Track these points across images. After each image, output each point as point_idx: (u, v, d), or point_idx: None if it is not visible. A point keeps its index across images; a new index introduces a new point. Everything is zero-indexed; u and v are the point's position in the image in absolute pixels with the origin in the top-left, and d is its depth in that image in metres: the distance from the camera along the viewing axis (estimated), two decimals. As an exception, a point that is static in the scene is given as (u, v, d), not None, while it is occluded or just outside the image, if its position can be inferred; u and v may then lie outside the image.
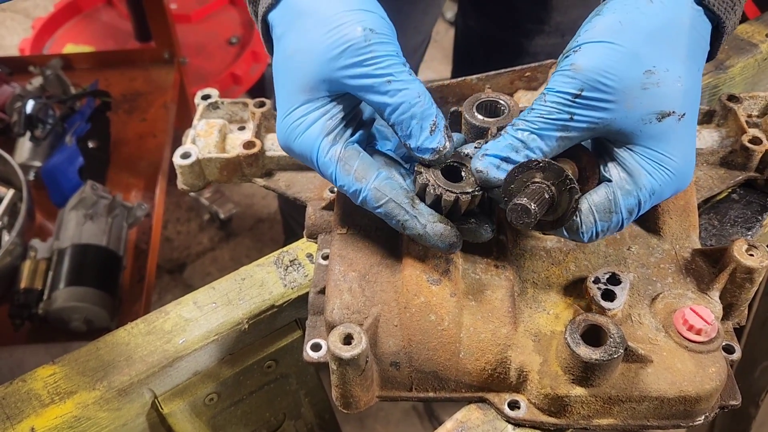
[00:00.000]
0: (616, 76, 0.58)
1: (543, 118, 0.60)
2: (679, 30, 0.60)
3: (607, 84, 0.58)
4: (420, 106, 0.61)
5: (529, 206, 0.58)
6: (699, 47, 0.62)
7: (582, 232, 0.62)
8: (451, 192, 0.62)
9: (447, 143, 0.62)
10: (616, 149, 0.62)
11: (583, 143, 0.64)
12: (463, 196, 0.62)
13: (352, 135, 0.65)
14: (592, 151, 0.65)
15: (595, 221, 0.61)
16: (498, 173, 0.61)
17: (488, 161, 0.61)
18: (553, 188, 0.59)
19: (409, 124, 0.61)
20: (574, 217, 0.61)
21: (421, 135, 0.61)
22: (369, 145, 0.69)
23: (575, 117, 0.59)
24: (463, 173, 0.64)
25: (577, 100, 0.59)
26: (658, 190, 0.61)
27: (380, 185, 0.62)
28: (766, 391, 1.35)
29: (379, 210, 0.63)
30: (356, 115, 0.66)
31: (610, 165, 0.63)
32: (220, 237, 2.47)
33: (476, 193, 0.63)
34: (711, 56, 0.66)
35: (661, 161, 0.61)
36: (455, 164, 0.65)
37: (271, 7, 0.66)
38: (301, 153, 0.65)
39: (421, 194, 0.63)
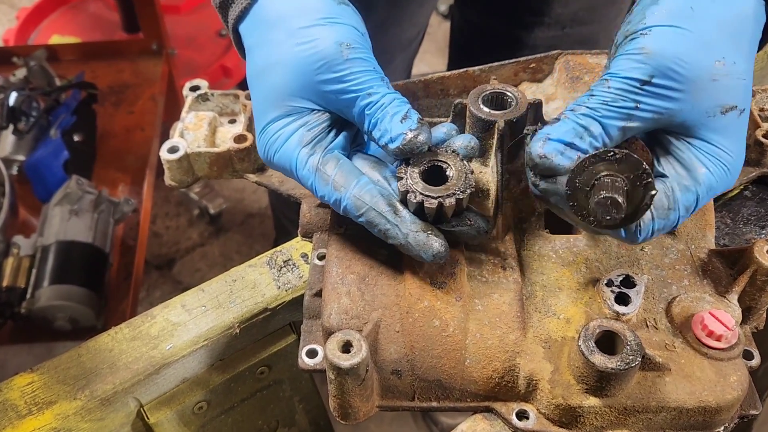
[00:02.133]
0: (689, 64, 0.55)
1: (607, 105, 0.56)
2: (745, 21, 0.57)
3: (679, 72, 0.55)
4: (394, 106, 0.59)
5: (618, 200, 0.53)
6: (756, 40, 0.60)
7: (639, 231, 0.58)
8: (432, 198, 0.58)
9: (419, 129, 0.58)
10: (674, 141, 0.59)
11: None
12: (447, 200, 0.58)
13: (333, 140, 0.63)
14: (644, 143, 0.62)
15: (653, 219, 0.58)
16: (563, 160, 0.56)
17: (552, 146, 0.56)
18: (627, 182, 0.55)
19: (383, 120, 0.59)
20: None
21: (392, 125, 0.58)
22: (357, 146, 0.66)
23: (641, 105, 0.56)
24: (448, 172, 0.60)
25: (645, 87, 0.55)
26: (714, 185, 0.58)
27: (360, 193, 0.59)
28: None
29: (360, 219, 0.60)
30: (336, 120, 0.63)
31: (666, 159, 0.60)
32: (210, 232, 2.42)
33: (460, 195, 0.59)
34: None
35: (719, 156, 0.58)
36: (438, 163, 0.60)
37: (239, 19, 0.64)
38: (282, 166, 0.64)
39: (404, 200, 0.60)
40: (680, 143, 0.59)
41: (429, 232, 0.59)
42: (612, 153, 0.54)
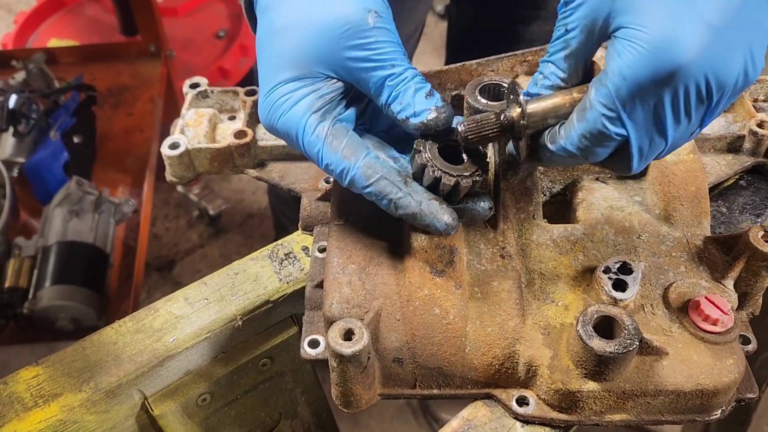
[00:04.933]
0: None
1: (552, 44, 0.57)
2: None
3: None
4: (417, 81, 0.59)
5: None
6: None
7: (561, 139, 0.56)
8: (451, 175, 0.59)
9: (445, 107, 0.59)
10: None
11: None
12: (464, 180, 0.59)
13: (343, 112, 0.62)
14: None
15: (574, 123, 0.55)
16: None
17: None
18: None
19: (405, 93, 0.58)
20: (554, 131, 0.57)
21: (416, 100, 0.58)
22: (362, 124, 0.65)
23: (568, 27, 0.56)
24: (464, 156, 0.61)
25: (565, 10, 0.56)
26: (626, 71, 0.51)
27: (370, 162, 0.59)
28: (767, 382, 1.33)
29: (369, 189, 0.59)
30: (347, 94, 0.62)
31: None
32: (210, 233, 2.43)
33: (477, 178, 0.60)
34: None
35: (630, 36, 0.51)
36: (454, 144, 0.61)
37: None
38: (286, 131, 0.61)
39: (418, 175, 0.60)
40: (608, 42, 0.55)
41: (441, 203, 0.59)
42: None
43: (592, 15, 0.54)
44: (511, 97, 0.59)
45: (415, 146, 0.60)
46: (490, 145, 0.68)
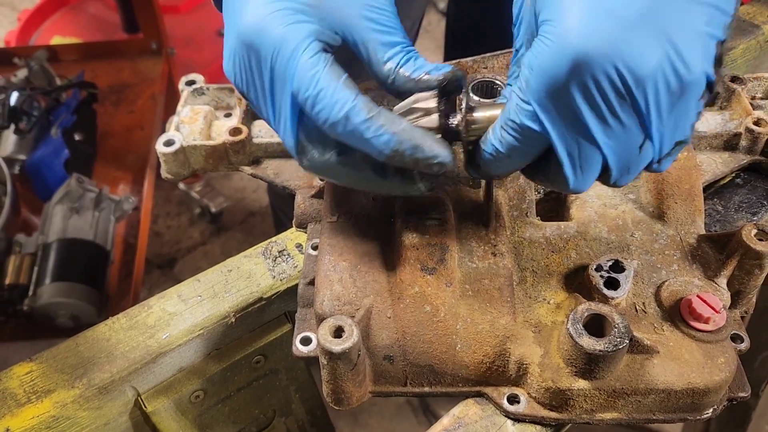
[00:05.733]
0: None
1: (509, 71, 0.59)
2: None
3: None
4: (409, 48, 0.57)
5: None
6: None
7: (488, 137, 0.54)
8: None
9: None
10: None
11: None
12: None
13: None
14: None
15: (498, 119, 0.54)
16: None
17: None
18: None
19: (418, 58, 0.57)
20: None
21: (427, 64, 0.57)
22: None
23: (516, 46, 0.58)
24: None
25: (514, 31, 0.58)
26: (534, 62, 0.50)
27: (367, 99, 0.55)
28: (767, 381, 1.33)
29: (367, 124, 0.53)
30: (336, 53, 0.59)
31: None
32: (211, 231, 2.43)
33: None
34: None
35: (543, 32, 0.50)
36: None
37: None
38: (282, 40, 0.54)
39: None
40: None
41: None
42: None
43: (529, 28, 0.54)
44: (462, 102, 0.57)
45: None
46: None
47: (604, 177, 0.54)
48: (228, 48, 0.57)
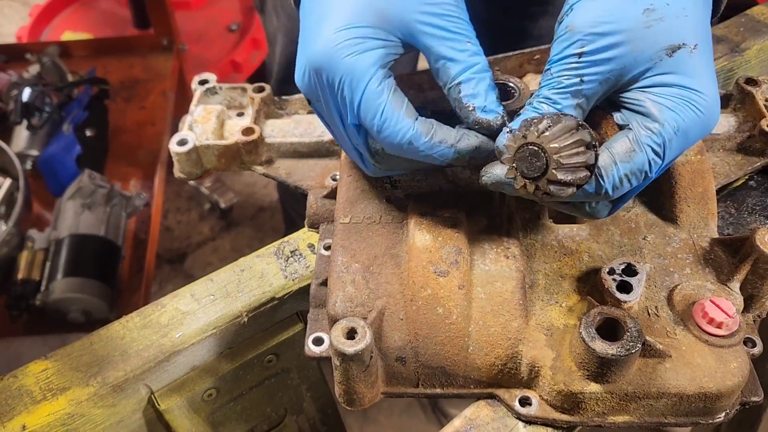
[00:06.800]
0: (614, 23, 0.54)
1: (555, 90, 0.56)
2: None
3: (607, 32, 0.54)
4: (490, 76, 0.58)
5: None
6: None
7: (603, 181, 0.55)
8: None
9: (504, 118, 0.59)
10: (628, 96, 0.57)
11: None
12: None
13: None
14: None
15: (616, 164, 0.55)
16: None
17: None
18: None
19: (481, 82, 0.57)
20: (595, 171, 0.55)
21: (489, 96, 0.58)
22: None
23: (585, 78, 0.55)
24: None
25: (581, 60, 0.55)
26: (682, 125, 0.55)
27: (425, 121, 0.58)
28: (778, 382, 1.32)
29: (428, 143, 0.57)
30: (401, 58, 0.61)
31: (624, 113, 0.58)
32: (221, 226, 2.44)
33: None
34: (716, 12, 0.63)
35: (681, 95, 0.55)
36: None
37: None
38: (350, 71, 0.56)
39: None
40: (634, 93, 0.57)
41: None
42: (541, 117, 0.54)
43: (622, 72, 0.56)
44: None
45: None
46: None
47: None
48: (300, 65, 0.61)
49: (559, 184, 0.53)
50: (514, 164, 0.55)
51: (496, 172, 0.58)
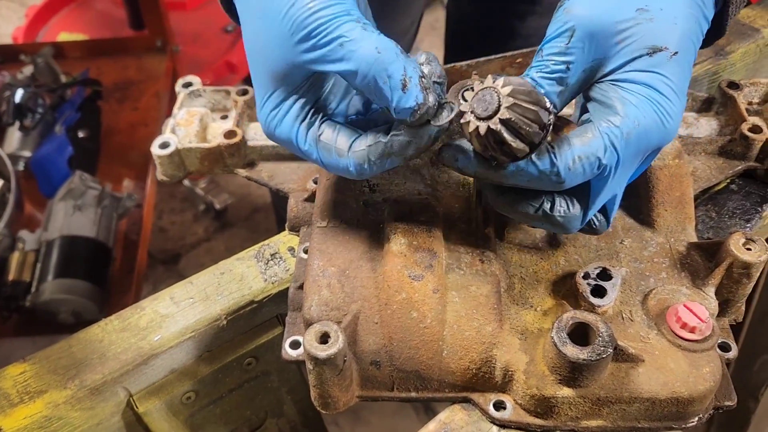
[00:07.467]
0: (609, 19, 0.55)
1: (542, 73, 0.56)
2: None
3: (598, 24, 0.55)
4: (380, 63, 0.52)
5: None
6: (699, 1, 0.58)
7: (556, 158, 0.54)
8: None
9: (428, 97, 0.54)
10: (600, 86, 0.57)
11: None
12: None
13: (331, 111, 0.61)
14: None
15: (570, 144, 0.54)
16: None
17: None
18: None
19: (375, 86, 0.53)
20: (548, 155, 0.54)
21: (394, 94, 0.53)
22: (368, 110, 0.64)
23: (570, 66, 0.56)
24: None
25: (570, 47, 0.55)
26: (642, 122, 0.54)
27: (358, 147, 0.57)
28: (766, 384, 1.32)
29: (370, 167, 0.57)
30: (333, 87, 0.61)
31: (591, 103, 0.57)
32: (215, 227, 2.44)
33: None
34: (721, 32, 0.63)
35: (648, 95, 0.55)
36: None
37: None
38: (285, 142, 0.61)
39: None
40: (604, 85, 0.56)
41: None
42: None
43: (602, 64, 0.56)
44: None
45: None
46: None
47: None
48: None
49: (511, 128, 0.52)
50: (470, 109, 0.54)
51: (454, 144, 0.58)
